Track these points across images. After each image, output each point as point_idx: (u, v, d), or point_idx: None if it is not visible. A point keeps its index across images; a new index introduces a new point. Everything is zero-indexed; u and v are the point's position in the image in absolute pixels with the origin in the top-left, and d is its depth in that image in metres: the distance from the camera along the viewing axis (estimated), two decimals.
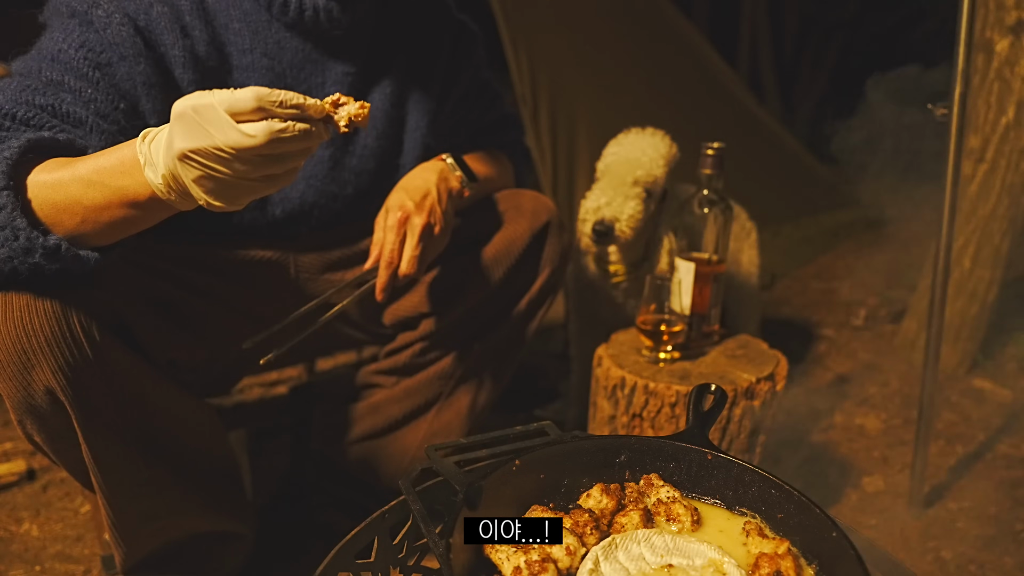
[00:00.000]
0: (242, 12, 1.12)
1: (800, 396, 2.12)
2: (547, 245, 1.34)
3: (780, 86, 6.31)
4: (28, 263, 0.86)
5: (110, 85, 1.01)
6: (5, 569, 1.39)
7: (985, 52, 2.04)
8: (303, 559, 1.40)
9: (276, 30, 1.14)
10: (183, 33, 1.07)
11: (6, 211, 0.83)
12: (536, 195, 1.37)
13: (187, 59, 1.08)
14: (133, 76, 1.03)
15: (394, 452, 1.46)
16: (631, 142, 1.60)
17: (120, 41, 1.01)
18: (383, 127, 1.27)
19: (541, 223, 1.33)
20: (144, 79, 1.04)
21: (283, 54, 1.15)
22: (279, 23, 1.14)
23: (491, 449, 0.88)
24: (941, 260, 1.43)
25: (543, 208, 1.34)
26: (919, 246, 2.50)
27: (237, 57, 1.13)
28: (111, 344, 0.96)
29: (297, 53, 1.16)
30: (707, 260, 1.38)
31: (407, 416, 1.44)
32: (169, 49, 1.06)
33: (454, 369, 1.40)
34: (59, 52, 0.99)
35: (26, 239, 0.84)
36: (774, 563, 0.71)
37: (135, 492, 1.06)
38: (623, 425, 1.34)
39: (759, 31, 6.21)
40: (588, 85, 2.74)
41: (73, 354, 0.91)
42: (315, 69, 1.18)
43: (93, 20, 1.01)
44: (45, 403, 0.94)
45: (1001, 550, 1.47)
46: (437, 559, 0.71)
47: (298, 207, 1.23)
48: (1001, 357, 2.34)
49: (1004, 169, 2.05)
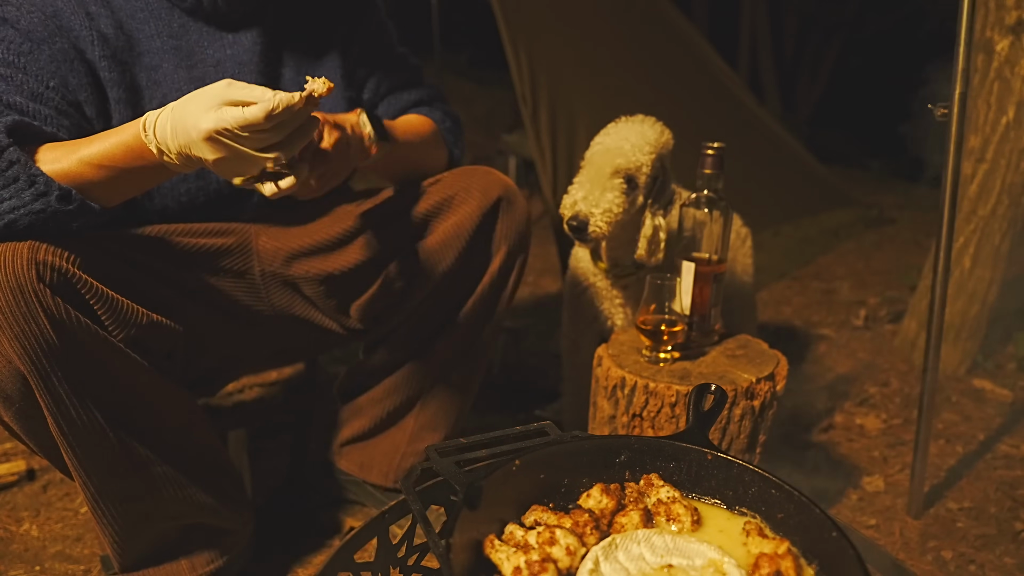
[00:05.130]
0: (143, 3, 1.19)
1: (800, 396, 2.12)
2: (499, 223, 1.33)
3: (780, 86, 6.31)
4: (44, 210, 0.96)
5: (39, 68, 1.09)
6: (5, 569, 1.39)
7: (985, 52, 2.04)
8: (303, 559, 1.40)
9: (178, 15, 1.21)
10: (89, 17, 1.15)
11: (19, 164, 0.95)
12: (487, 171, 1.35)
13: (95, 38, 1.14)
14: (55, 55, 1.10)
15: (384, 451, 1.47)
16: (617, 131, 1.53)
17: (33, 27, 1.09)
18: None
19: (491, 200, 1.31)
20: (64, 56, 1.11)
21: (188, 35, 1.22)
22: (179, 9, 1.21)
23: (491, 449, 0.88)
24: (941, 260, 1.43)
25: (494, 184, 1.32)
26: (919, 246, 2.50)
27: (146, 42, 1.20)
28: (69, 315, 0.97)
29: (202, 33, 1.23)
30: (707, 260, 1.38)
31: (391, 415, 1.45)
32: (79, 31, 1.13)
33: (427, 362, 1.40)
34: None
35: (44, 183, 0.95)
36: (774, 563, 0.71)
37: (108, 469, 1.07)
38: (623, 425, 1.34)
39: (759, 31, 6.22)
40: (588, 85, 2.74)
41: (30, 324, 0.94)
42: (221, 44, 1.25)
43: (7, 16, 1.09)
44: (7, 375, 0.96)
45: (1001, 550, 1.47)
46: (437, 559, 0.71)
47: None
48: (1001, 357, 2.34)
49: (1004, 169, 2.05)
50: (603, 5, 2.95)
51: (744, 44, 6.24)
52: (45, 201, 0.96)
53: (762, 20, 6.16)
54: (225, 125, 0.90)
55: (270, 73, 1.29)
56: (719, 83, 3.40)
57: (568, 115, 2.59)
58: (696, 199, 1.38)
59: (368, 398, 1.47)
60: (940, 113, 1.38)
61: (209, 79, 1.23)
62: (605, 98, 2.78)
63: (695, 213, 1.38)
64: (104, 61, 1.15)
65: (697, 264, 1.37)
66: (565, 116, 2.58)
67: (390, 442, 1.46)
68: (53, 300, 0.95)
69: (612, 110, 2.77)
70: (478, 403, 2.03)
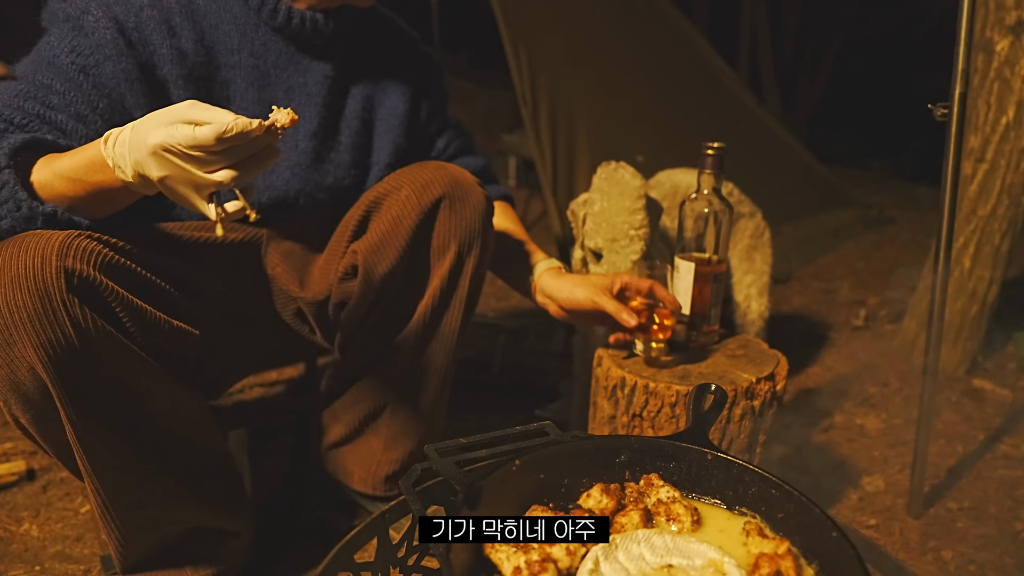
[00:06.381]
0: (232, 15, 1.22)
1: (800, 396, 2.12)
2: (440, 222, 1.26)
3: (780, 86, 6.31)
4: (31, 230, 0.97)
5: (94, 86, 1.11)
6: (5, 569, 1.39)
7: (985, 52, 2.04)
8: (302, 559, 1.40)
9: (263, 32, 1.24)
10: (170, 32, 1.17)
11: (9, 186, 0.97)
12: (435, 167, 1.28)
13: (174, 56, 1.17)
14: (117, 74, 1.13)
15: (362, 458, 1.46)
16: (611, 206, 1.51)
17: (105, 43, 1.12)
18: (356, 127, 1.37)
19: (432, 198, 1.24)
20: (126, 76, 1.13)
21: (268, 55, 1.25)
22: (267, 26, 1.25)
23: (491, 449, 0.88)
24: (941, 260, 1.43)
25: (434, 181, 1.25)
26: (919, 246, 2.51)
27: (225, 56, 1.22)
28: (95, 324, 0.96)
29: (281, 55, 1.26)
30: (707, 260, 1.38)
31: (363, 421, 1.44)
32: (157, 48, 1.16)
33: (390, 368, 1.37)
34: (53, 57, 1.10)
35: (28, 208, 0.97)
36: (774, 563, 0.71)
37: (122, 477, 1.07)
38: (623, 425, 1.34)
39: (759, 31, 6.22)
40: (588, 85, 2.74)
41: (55, 332, 0.93)
42: (297, 70, 1.28)
43: (84, 25, 1.11)
44: (28, 381, 0.95)
45: (1001, 550, 1.47)
46: (437, 559, 0.71)
47: (283, 193, 1.31)
48: (1001, 357, 2.34)
49: (1004, 169, 2.05)
50: (603, 5, 2.95)
51: (744, 44, 6.24)
52: (33, 224, 0.98)
53: (762, 20, 6.16)
54: (173, 142, 0.88)
55: (334, 107, 1.33)
56: (719, 83, 3.40)
57: (568, 115, 2.59)
58: (696, 199, 1.38)
59: (342, 404, 1.47)
60: (940, 113, 1.38)
61: (278, 103, 1.27)
62: (605, 98, 2.78)
63: (695, 212, 1.38)
64: (180, 80, 1.18)
65: (697, 264, 1.37)
66: (565, 116, 2.59)
67: (367, 448, 1.45)
68: (80, 308, 0.94)
69: (612, 110, 2.78)
70: (478, 403, 2.03)
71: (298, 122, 1.26)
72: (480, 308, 2.79)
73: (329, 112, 1.32)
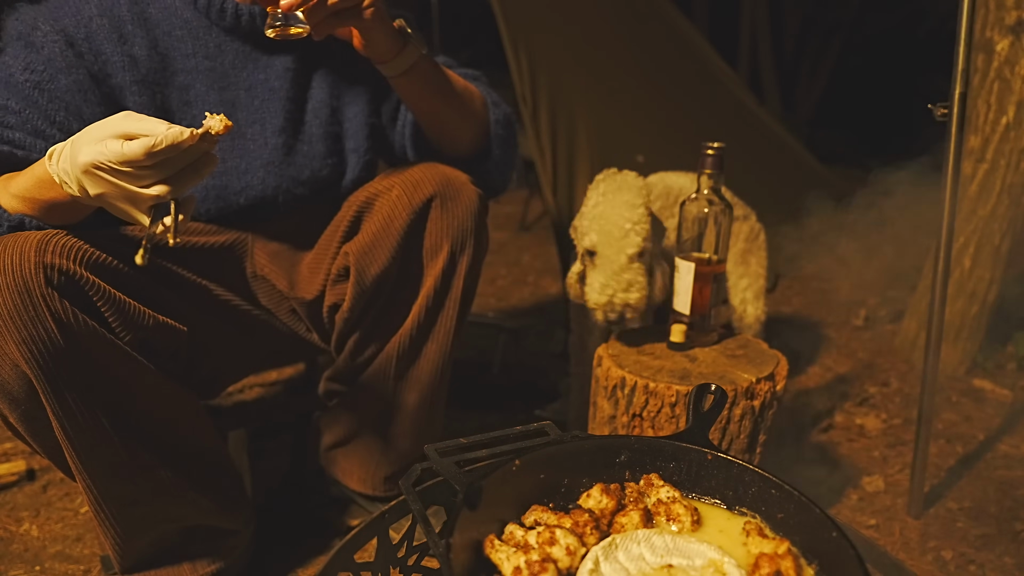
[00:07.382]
0: (183, 20, 1.21)
1: (800, 396, 2.12)
2: (432, 221, 1.24)
3: (780, 86, 6.31)
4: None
5: (50, 100, 1.12)
6: (5, 569, 1.39)
7: (985, 52, 2.04)
8: (302, 559, 1.40)
9: (216, 35, 1.23)
10: (122, 40, 1.17)
11: None
12: (426, 166, 1.27)
13: (127, 63, 1.17)
14: (71, 86, 1.13)
15: (361, 458, 1.47)
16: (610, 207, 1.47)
17: (55, 56, 1.12)
18: (325, 115, 1.33)
19: (423, 197, 1.23)
20: (79, 87, 1.14)
21: (224, 56, 1.24)
22: (218, 28, 1.23)
23: (491, 449, 0.88)
24: (941, 260, 1.43)
25: (425, 179, 1.24)
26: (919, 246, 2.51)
27: (181, 61, 1.22)
28: (76, 319, 0.96)
29: (238, 55, 1.25)
30: (707, 260, 1.38)
31: (362, 421, 1.44)
32: (109, 56, 1.16)
33: (386, 369, 1.36)
34: (9, 76, 1.11)
35: None
36: (774, 563, 0.71)
37: (113, 474, 1.07)
38: (623, 425, 1.34)
39: (759, 31, 6.21)
40: (588, 85, 2.74)
41: (38, 328, 0.93)
42: (256, 67, 1.27)
43: (34, 40, 1.12)
44: (13, 379, 0.95)
45: (1001, 550, 1.47)
46: (437, 559, 0.71)
47: (260, 193, 1.30)
48: (1001, 357, 2.34)
49: (1004, 169, 2.05)
50: (603, 5, 2.95)
51: (744, 44, 6.23)
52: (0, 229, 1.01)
53: (762, 20, 6.15)
54: (102, 159, 0.85)
55: (299, 99, 1.31)
56: (719, 83, 3.40)
57: (568, 115, 2.59)
58: (696, 199, 1.38)
59: (340, 404, 1.47)
60: (940, 113, 1.38)
61: (240, 102, 1.25)
62: (605, 98, 2.78)
63: (695, 213, 1.38)
64: (134, 86, 1.18)
65: (697, 264, 1.37)
66: (565, 116, 2.58)
67: (366, 448, 1.45)
68: (61, 303, 0.95)
69: (612, 110, 2.78)
70: (478, 403, 2.03)
71: (265, 119, 1.27)
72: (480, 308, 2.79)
73: (295, 105, 1.30)
